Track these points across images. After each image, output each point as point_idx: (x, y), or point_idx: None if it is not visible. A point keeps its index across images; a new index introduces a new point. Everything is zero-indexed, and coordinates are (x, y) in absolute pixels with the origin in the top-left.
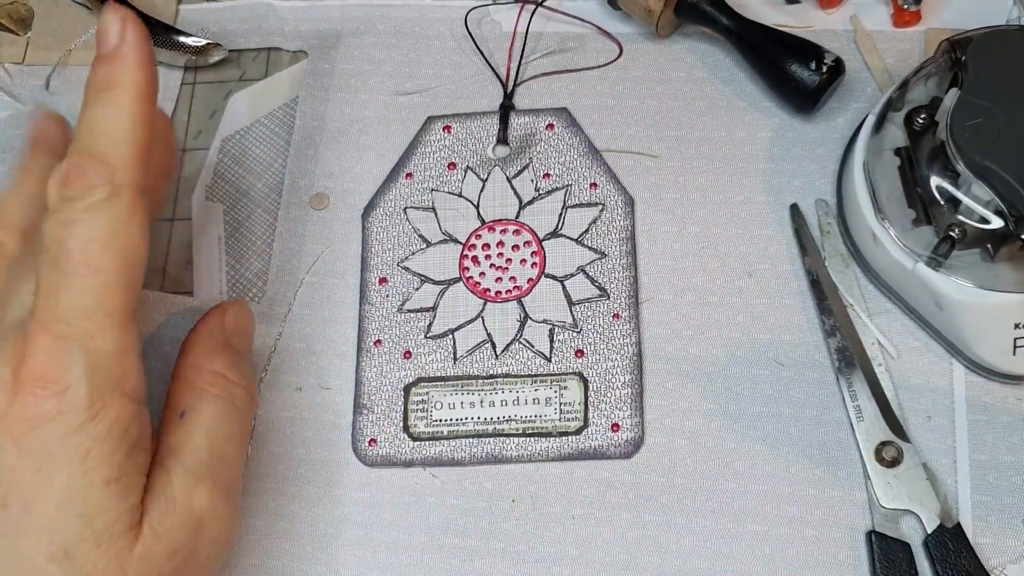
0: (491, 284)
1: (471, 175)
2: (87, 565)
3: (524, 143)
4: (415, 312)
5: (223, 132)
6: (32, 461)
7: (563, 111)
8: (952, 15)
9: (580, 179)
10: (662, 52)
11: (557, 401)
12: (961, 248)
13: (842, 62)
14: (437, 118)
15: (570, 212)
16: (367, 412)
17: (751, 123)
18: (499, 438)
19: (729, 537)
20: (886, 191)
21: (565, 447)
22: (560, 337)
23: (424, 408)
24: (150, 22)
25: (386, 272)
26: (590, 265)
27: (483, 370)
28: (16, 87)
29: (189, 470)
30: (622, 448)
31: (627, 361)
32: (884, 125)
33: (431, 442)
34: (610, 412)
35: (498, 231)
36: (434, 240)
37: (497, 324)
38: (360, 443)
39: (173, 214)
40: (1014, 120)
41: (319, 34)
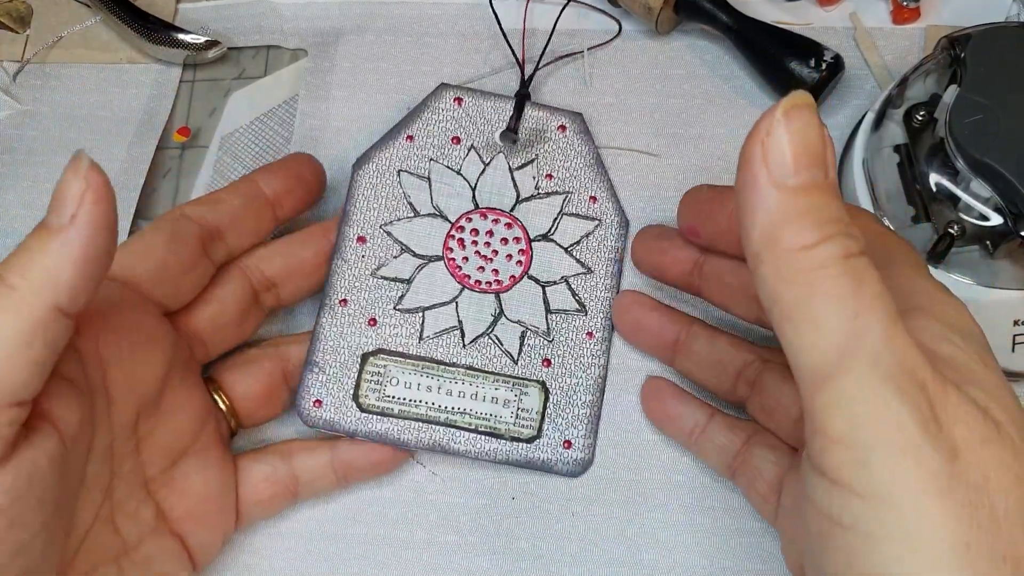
0: (472, 271)
1: (474, 155)
2: None
3: (533, 137)
4: (389, 280)
5: (223, 130)
6: None
7: (578, 116)
8: (951, 12)
9: (581, 189)
10: (662, 49)
11: (515, 405)
12: (960, 245)
13: (841, 59)
14: (450, 87)
15: (565, 220)
16: (318, 371)
17: (751, 120)
18: (449, 428)
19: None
20: (885, 188)
21: (514, 453)
22: (531, 342)
23: (379, 381)
24: (149, 20)
25: (367, 231)
26: (575, 278)
27: (447, 356)
28: (15, 85)
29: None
30: (570, 467)
31: (591, 382)
32: (883, 122)
33: (379, 417)
34: (565, 428)
35: (490, 220)
36: (423, 212)
37: (471, 313)
38: (305, 401)
39: None
40: (1013, 117)
41: (319, 32)
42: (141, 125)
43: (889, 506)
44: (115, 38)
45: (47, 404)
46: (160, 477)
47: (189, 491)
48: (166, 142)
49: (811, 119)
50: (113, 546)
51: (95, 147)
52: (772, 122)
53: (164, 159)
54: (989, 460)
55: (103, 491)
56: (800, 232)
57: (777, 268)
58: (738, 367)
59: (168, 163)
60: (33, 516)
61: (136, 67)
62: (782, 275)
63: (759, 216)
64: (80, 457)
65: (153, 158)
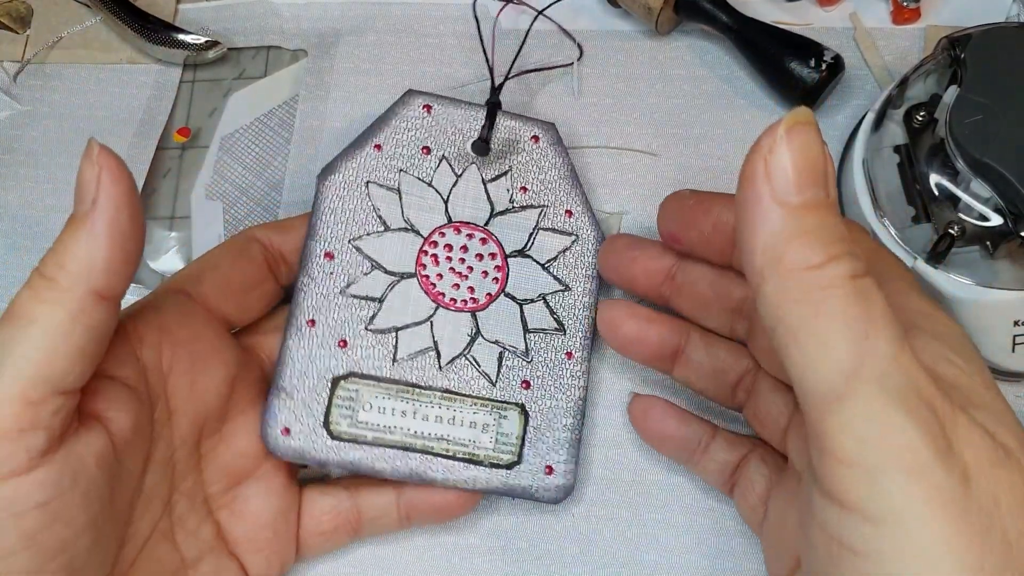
0: (447, 288)
1: (446, 165)
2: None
3: (506, 148)
4: (359, 299)
5: (222, 130)
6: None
7: (551, 126)
8: (951, 12)
9: (557, 203)
10: (661, 49)
11: (494, 430)
12: (960, 245)
13: (841, 59)
14: (418, 94)
15: (541, 235)
16: (285, 397)
17: (750, 120)
18: (426, 456)
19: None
20: (885, 188)
21: (494, 479)
22: (509, 363)
23: (351, 406)
24: (149, 20)
25: (334, 247)
26: (553, 295)
27: (423, 379)
28: (15, 85)
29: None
30: (551, 493)
31: (572, 404)
32: (883, 122)
33: (352, 445)
34: (546, 453)
35: (464, 234)
36: (393, 226)
37: (446, 333)
38: (272, 429)
39: (172, 212)
40: (1013, 117)
41: (319, 32)
42: (141, 125)
43: (901, 529)
44: (115, 38)
45: (98, 404)
46: (221, 497)
47: (248, 515)
48: (166, 142)
49: (813, 137)
50: (172, 561)
51: None
52: (774, 139)
53: (164, 159)
54: (999, 484)
55: (163, 504)
56: (806, 251)
57: (782, 287)
58: (738, 374)
59: (168, 163)
60: (77, 513)
61: (136, 67)
62: (788, 295)
63: (762, 234)
64: (135, 463)
65: (153, 158)
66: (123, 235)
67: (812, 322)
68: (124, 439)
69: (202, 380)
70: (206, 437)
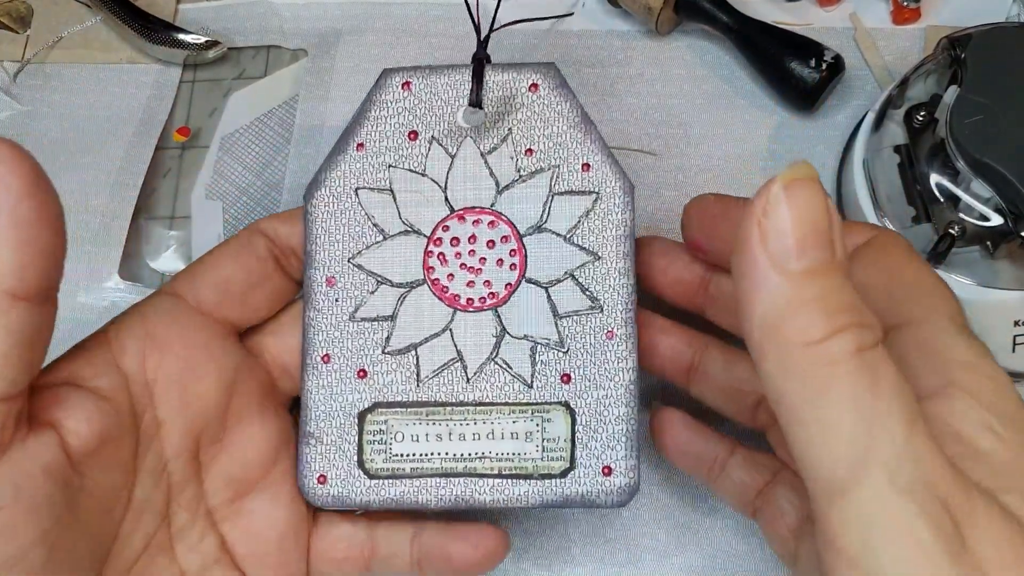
0: (461, 289)
1: (437, 148)
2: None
3: (502, 108)
4: (370, 321)
5: (222, 130)
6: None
7: (550, 67)
8: (951, 12)
9: (570, 158)
10: (662, 49)
11: (539, 436)
12: (961, 246)
13: (841, 59)
14: (394, 71)
15: (557, 201)
16: (315, 443)
17: (751, 120)
18: (471, 479)
19: (744, 533)
20: (886, 188)
21: (548, 492)
22: (543, 357)
23: (382, 440)
24: (149, 20)
25: (334, 270)
26: (581, 269)
27: (452, 395)
28: (15, 85)
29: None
30: (615, 496)
31: (622, 390)
32: (884, 122)
33: (391, 481)
34: (601, 452)
35: (470, 222)
36: (392, 231)
37: (469, 339)
38: (308, 479)
39: (172, 212)
40: (1014, 117)
41: (319, 32)
42: (141, 125)
43: None
44: (115, 38)
45: (57, 412)
46: (225, 509)
47: (255, 528)
48: (166, 142)
49: (814, 192)
50: (170, 575)
51: (95, 147)
52: (769, 199)
53: (164, 159)
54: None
55: (157, 516)
56: (807, 324)
57: (782, 364)
58: (758, 394)
59: (168, 163)
60: (23, 528)
61: (136, 67)
62: (788, 372)
63: (760, 304)
64: (105, 475)
65: (153, 158)
66: (30, 227)
67: (815, 404)
68: (84, 450)
69: (194, 389)
70: (205, 446)
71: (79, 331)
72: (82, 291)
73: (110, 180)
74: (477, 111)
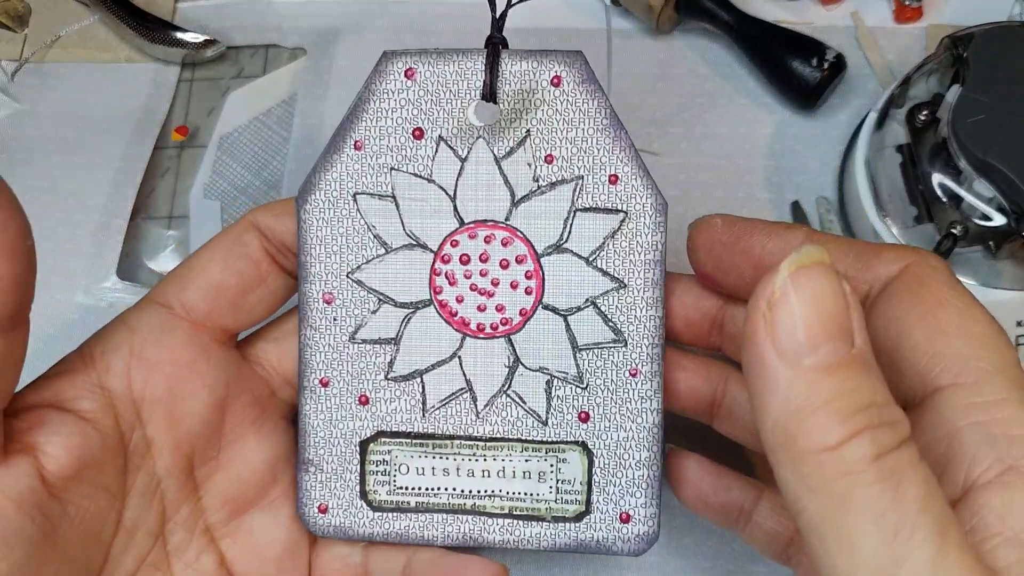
0: (471, 313)
1: (445, 149)
2: None
3: (519, 104)
4: (372, 344)
5: (221, 130)
6: None
7: (576, 56)
8: (953, 11)
9: (596, 167)
10: (663, 48)
11: (553, 477)
12: (963, 246)
13: (843, 58)
14: (396, 55)
15: (580, 218)
16: (314, 471)
17: (752, 120)
18: (479, 517)
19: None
20: (888, 188)
21: (561, 536)
22: (560, 392)
23: (386, 471)
24: (147, 19)
25: (332, 286)
26: (604, 297)
27: (460, 428)
28: (13, 84)
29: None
30: (632, 544)
31: (644, 433)
32: (886, 122)
33: (395, 514)
34: (619, 498)
35: (481, 238)
36: (395, 244)
37: (479, 368)
38: (308, 508)
39: (170, 212)
40: (1016, 116)
41: (318, 31)
42: (139, 124)
43: None
44: (113, 37)
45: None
46: (223, 527)
47: (254, 546)
48: (164, 141)
49: (826, 278)
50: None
51: (93, 146)
52: (774, 288)
53: (162, 158)
54: None
55: (151, 536)
56: (823, 429)
57: (798, 473)
58: None
59: (166, 162)
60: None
61: (134, 66)
62: (805, 483)
63: (771, 407)
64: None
65: (151, 157)
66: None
67: (834, 518)
68: (63, 475)
69: (182, 407)
70: (199, 465)
71: (77, 331)
72: (80, 291)
73: (108, 179)
74: (491, 106)
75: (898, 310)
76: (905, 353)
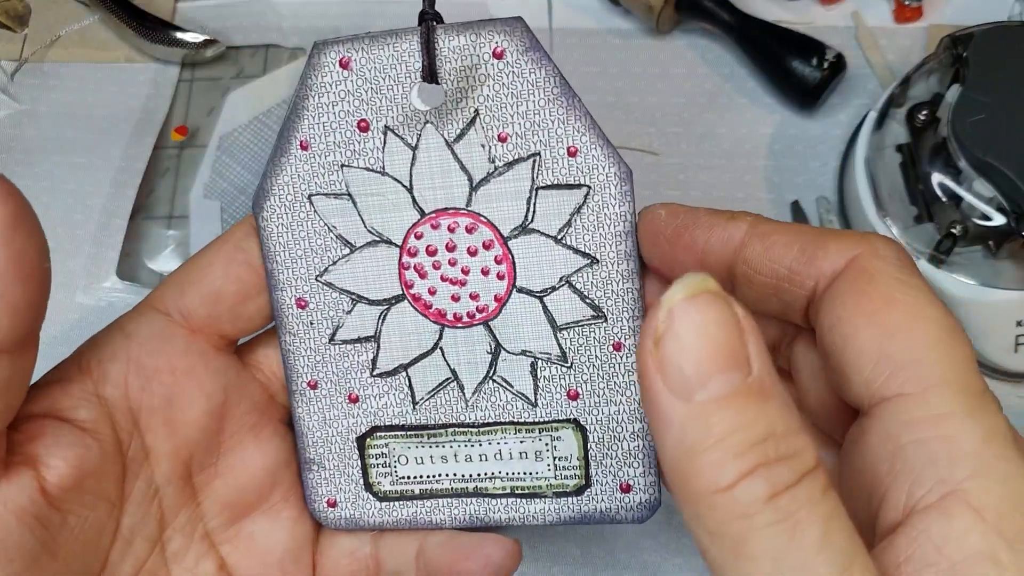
0: (446, 304)
1: (393, 139)
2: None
3: (463, 82)
4: (352, 343)
5: (221, 130)
6: None
7: (516, 24)
8: (954, 11)
9: (552, 141)
10: (663, 48)
11: (549, 455)
12: (963, 245)
13: (843, 58)
14: (327, 45)
15: (542, 196)
16: (318, 468)
17: (752, 120)
18: (482, 498)
19: None
20: (888, 188)
21: (564, 509)
22: (546, 373)
23: (386, 463)
24: (147, 19)
25: (303, 290)
26: (578, 275)
27: (452, 416)
28: (13, 84)
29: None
30: (635, 512)
31: (636, 405)
32: (886, 121)
33: (401, 503)
34: (618, 469)
35: (445, 227)
36: (359, 243)
37: (462, 357)
38: (317, 503)
39: (170, 212)
40: (1016, 116)
41: (317, 31)
42: (139, 124)
43: None
44: (113, 37)
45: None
46: (223, 532)
47: (255, 551)
48: (164, 141)
49: (713, 306)
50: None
51: (93, 146)
52: (657, 324)
53: (162, 158)
54: None
55: (149, 543)
56: (715, 468)
57: (695, 515)
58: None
59: (166, 162)
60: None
61: (134, 66)
62: (703, 526)
63: (666, 446)
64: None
65: (151, 157)
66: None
67: (732, 562)
68: (63, 486)
69: (180, 415)
70: (198, 472)
71: (76, 331)
72: (80, 291)
73: (108, 179)
74: (434, 88)
75: (843, 310)
76: (851, 358)
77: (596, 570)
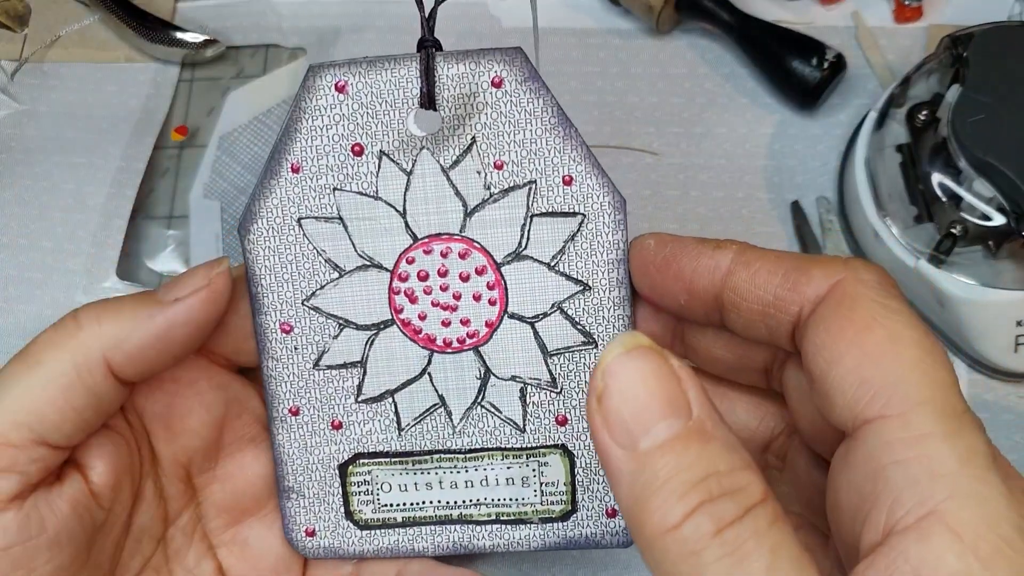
0: (436, 329)
1: (389, 164)
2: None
3: (461, 109)
4: (337, 369)
5: (221, 129)
6: None
7: (516, 54)
8: (954, 11)
9: (548, 169)
10: (663, 48)
11: (536, 481)
12: (963, 245)
13: (843, 58)
14: (323, 68)
15: (537, 224)
16: (296, 497)
17: (752, 120)
18: (466, 525)
19: None
20: (888, 188)
21: (550, 535)
22: (535, 399)
23: (369, 491)
24: (147, 19)
25: (289, 315)
26: (570, 301)
27: (438, 442)
28: (13, 84)
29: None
30: (620, 537)
31: None
32: (886, 122)
33: (383, 531)
34: (604, 495)
35: (437, 252)
36: (349, 267)
37: (451, 383)
38: (295, 533)
39: (170, 212)
40: (1016, 116)
41: (318, 31)
42: (139, 124)
43: None
44: (113, 37)
45: (83, 453)
46: (221, 534)
47: (251, 555)
48: (164, 141)
49: (646, 360)
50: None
51: (92, 146)
52: (597, 383)
53: (162, 158)
54: None
55: (154, 541)
56: (662, 509)
57: (653, 560)
58: (764, 439)
59: (166, 162)
60: (41, 562)
61: (134, 66)
62: (660, 568)
63: (620, 497)
64: (121, 506)
65: (151, 157)
66: (171, 342)
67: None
68: (106, 487)
69: (179, 424)
70: (196, 475)
71: None
72: (80, 291)
73: (108, 179)
74: (431, 114)
75: (826, 335)
76: (835, 381)
77: (596, 570)
